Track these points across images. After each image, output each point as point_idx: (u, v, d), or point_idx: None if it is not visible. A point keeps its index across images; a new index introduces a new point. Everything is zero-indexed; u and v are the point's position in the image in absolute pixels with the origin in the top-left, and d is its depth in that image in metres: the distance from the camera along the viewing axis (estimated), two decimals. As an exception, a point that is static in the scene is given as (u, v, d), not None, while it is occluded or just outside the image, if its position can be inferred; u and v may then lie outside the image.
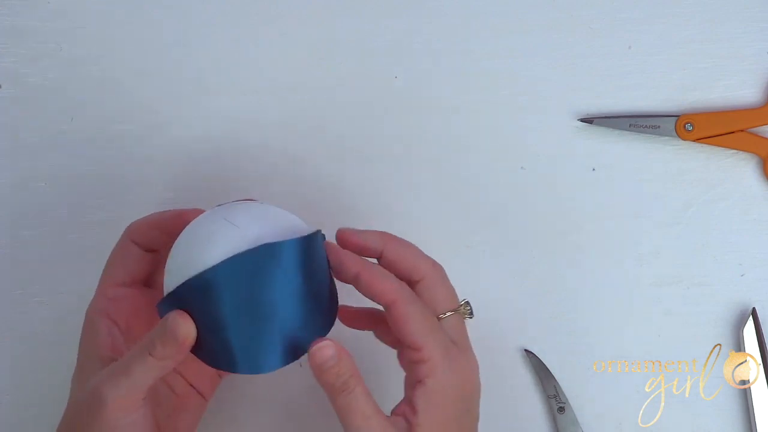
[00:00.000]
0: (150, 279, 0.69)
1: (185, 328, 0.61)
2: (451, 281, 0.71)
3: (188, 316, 0.61)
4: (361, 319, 0.69)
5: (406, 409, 0.64)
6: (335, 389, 0.62)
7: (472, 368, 0.66)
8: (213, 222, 0.62)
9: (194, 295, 0.60)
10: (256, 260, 0.60)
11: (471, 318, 0.68)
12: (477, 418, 0.67)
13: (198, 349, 0.61)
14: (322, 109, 0.77)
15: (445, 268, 0.69)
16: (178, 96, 0.77)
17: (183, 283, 0.60)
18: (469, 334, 0.69)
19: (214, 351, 0.61)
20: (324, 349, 0.61)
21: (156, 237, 0.67)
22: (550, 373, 0.75)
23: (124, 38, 0.78)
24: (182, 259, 0.61)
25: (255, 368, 0.61)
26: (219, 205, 0.65)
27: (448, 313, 0.66)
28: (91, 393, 0.61)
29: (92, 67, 0.78)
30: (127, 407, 0.61)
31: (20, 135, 0.77)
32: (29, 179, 0.77)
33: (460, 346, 0.66)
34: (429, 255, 0.67)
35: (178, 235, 0.63)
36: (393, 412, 0.64)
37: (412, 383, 0.64)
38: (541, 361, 0.75)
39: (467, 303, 0.68)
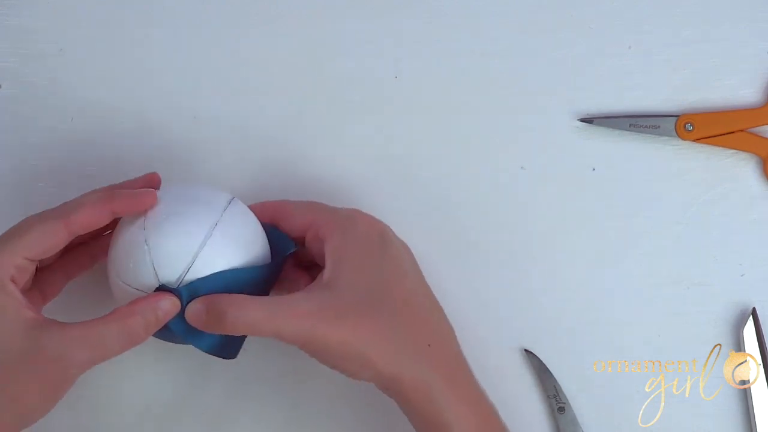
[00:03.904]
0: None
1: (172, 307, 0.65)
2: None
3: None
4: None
5: (318, 276, 0.67)
6: (226, 327, 0.64)
7: (371, 218, 0.70)
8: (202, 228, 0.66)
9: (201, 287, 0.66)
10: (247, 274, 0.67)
11: None
12: (401, 258, 0.69)
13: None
14: (322, 109, 0.77)
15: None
16: (177, 96, 0.77)
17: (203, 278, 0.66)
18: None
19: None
20: (191, 309, 0.65)
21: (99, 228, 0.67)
22: (550, 373, 0.74)
23: (125, 38, 0.78)
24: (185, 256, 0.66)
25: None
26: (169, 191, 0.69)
27: None
28: (52, 358, 0.62)
29: (92, 67, 0.78)
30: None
31: (20, 134, 0.77)
32: (29, 179, 0.77)
33: (354, 210, 0.70)
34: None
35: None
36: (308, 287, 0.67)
37: (321, 256, 0.67)
38: (541, 361, 0.75)
39: None
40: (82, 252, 0.71)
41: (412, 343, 0.66)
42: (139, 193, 0.67)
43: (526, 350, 0.75)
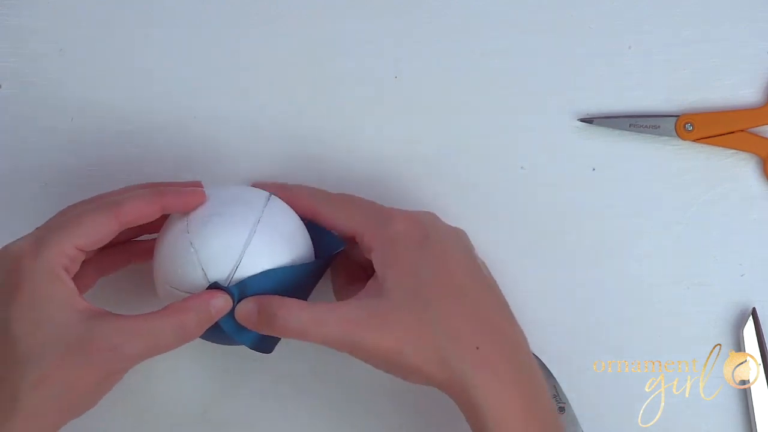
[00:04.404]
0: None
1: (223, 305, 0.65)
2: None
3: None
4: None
5: (368, 282, 0.66)
6: (275, 329, 0.64)
7: (410, 216, 0.69)
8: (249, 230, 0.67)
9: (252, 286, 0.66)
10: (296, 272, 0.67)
11: None
12: (445, 253, 0.68)
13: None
14: (322, 108, 0.77)
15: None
16: (178, 96, 0.77)
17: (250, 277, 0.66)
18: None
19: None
20: (242, 308, 0.65)
21: (146, 224, 0.67)
22: (550, 373, 0.74)
23: (125, 38, 0.78)
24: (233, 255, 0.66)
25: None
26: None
27: None
28: (106, 348, 0.62)
29: (92, 67, 0.78)
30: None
31: (20, 135, 0.77)
32: (29, 179, 0.77)
33: (394, 210, 0.69)
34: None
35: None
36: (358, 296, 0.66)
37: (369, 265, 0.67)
38: (541, 361, 0.75)
39: None
40: (121, 250, 0.71)
41: (457, 347, 0.64)
42: (190, 190, 0.67)
43: (526, 350, 0.75)
